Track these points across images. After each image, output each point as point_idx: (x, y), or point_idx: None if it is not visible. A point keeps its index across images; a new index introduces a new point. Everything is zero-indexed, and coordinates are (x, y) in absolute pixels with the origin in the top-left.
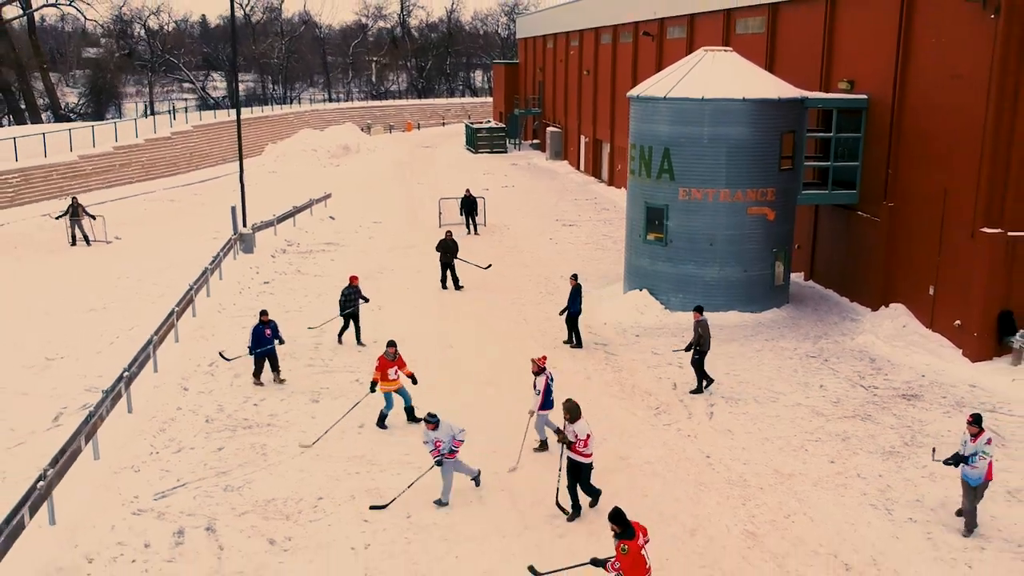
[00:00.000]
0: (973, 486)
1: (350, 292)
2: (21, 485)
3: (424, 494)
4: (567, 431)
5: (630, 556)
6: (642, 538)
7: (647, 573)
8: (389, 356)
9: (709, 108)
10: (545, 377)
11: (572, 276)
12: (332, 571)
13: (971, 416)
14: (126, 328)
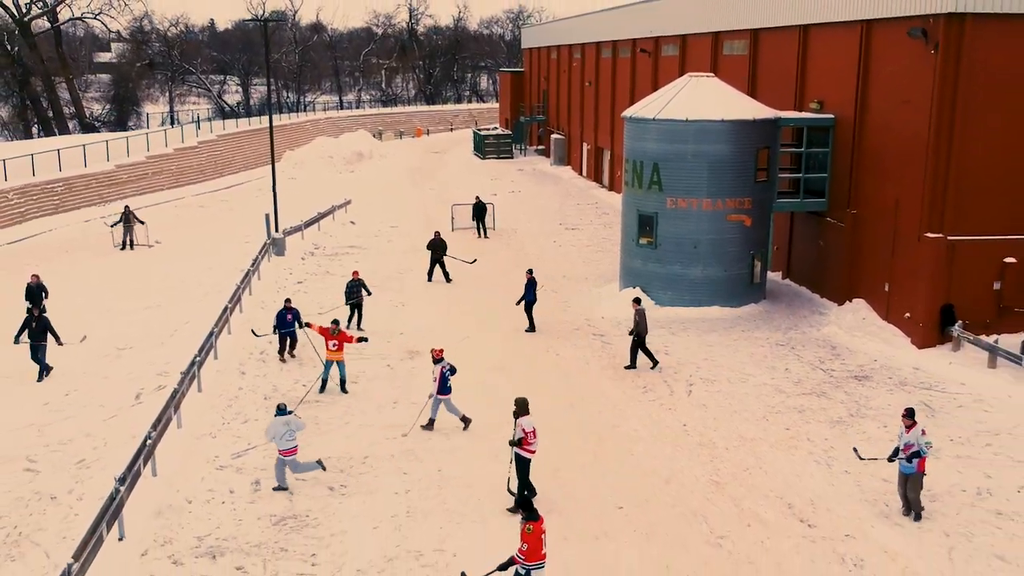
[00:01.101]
0: (907, 475)
1: (353, 285)
2: (124, 447)
3: (454, 455)
4: (517, 426)
5: (534, 535)
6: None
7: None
8: (332, 331)
9: (693, 128)
10: (441, 367)
11: (528, 271)
12: (380, 509)
13: (905, 410)
14: (182, 323)
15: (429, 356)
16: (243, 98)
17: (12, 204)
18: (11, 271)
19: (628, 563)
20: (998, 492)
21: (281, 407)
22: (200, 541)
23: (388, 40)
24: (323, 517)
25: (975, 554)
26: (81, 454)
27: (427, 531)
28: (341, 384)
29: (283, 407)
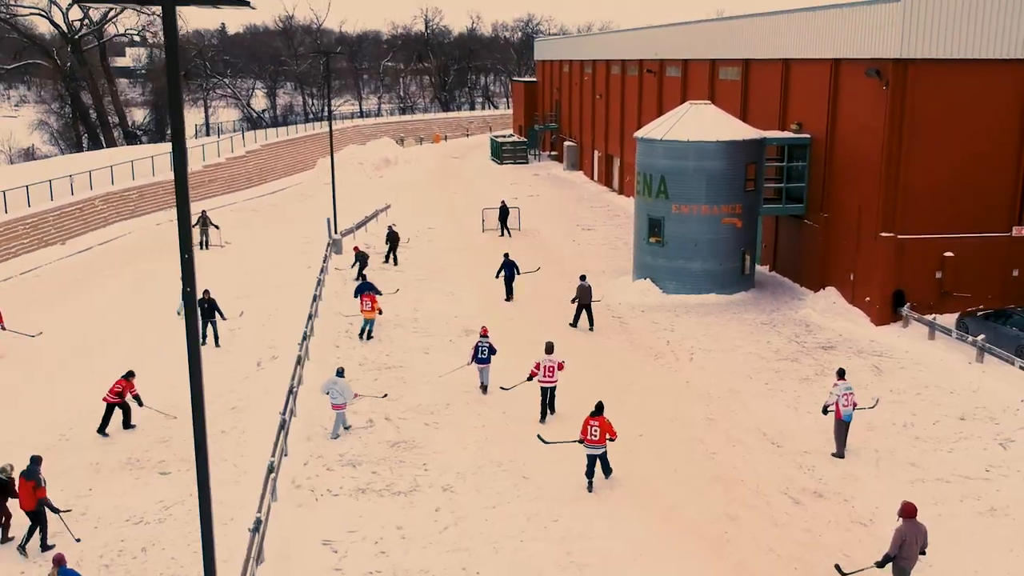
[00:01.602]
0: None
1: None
2: (262, 398)
3: (512, 405)
4: (544, 361)
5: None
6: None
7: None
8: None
9: (693, 147)
10: (477, 342)
11: (504, 254)
12: (464, 437)
13: (838, 371)
14: (272, 310)
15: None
16: (270, 105)
17: (98, 210)
18: (111, 267)
19: (647, 468)
20: (918, 424)
21: (339, 370)
22: (341, 456)
23: (406, 49)
24: (424, 442)
25: (895, 462)
26: (232, 403)
27: (501, 450)
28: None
29: (340, 370)
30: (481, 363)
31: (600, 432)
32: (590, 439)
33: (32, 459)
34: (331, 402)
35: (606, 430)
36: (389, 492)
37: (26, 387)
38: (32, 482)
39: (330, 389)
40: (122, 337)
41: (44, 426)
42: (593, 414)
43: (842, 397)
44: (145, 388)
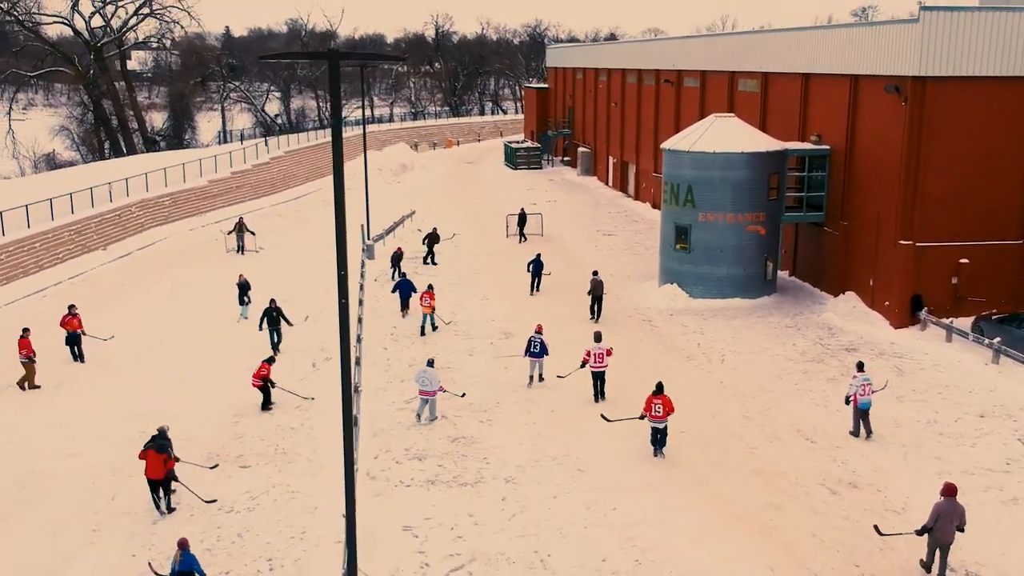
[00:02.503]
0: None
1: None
2: (322, 396)
3: (559, 402)
4: (593, 349)
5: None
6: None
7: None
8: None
9: (719, 159)
10: (530, 337)
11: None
12: (519, 433)
13: (857, 363)
14: (317, 312)
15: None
16: (284, 110)
17: (135, 216)
18: (154, 271)
19: (692, 462)
20: (941, 421)
21: (430, 361)
22: (407, 451)
23: (417, 53)
24: (481, 438)
25: (921, 456)
26: (295, 402)
27: (554, 445)
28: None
29: (431, 361)
30: (534, 357)
31: (663, 408)
32: (654, 415)
33: (160, 432)
34: (420, 389)
35: (667, 406)
36: (456, 483)
37: (105, 386)
38: (164, 455)
39: (421, 378)
40: (182, 339)
41: (126, 423)
42: (655, 393)
43: (860, 388)
44: (216, 388)
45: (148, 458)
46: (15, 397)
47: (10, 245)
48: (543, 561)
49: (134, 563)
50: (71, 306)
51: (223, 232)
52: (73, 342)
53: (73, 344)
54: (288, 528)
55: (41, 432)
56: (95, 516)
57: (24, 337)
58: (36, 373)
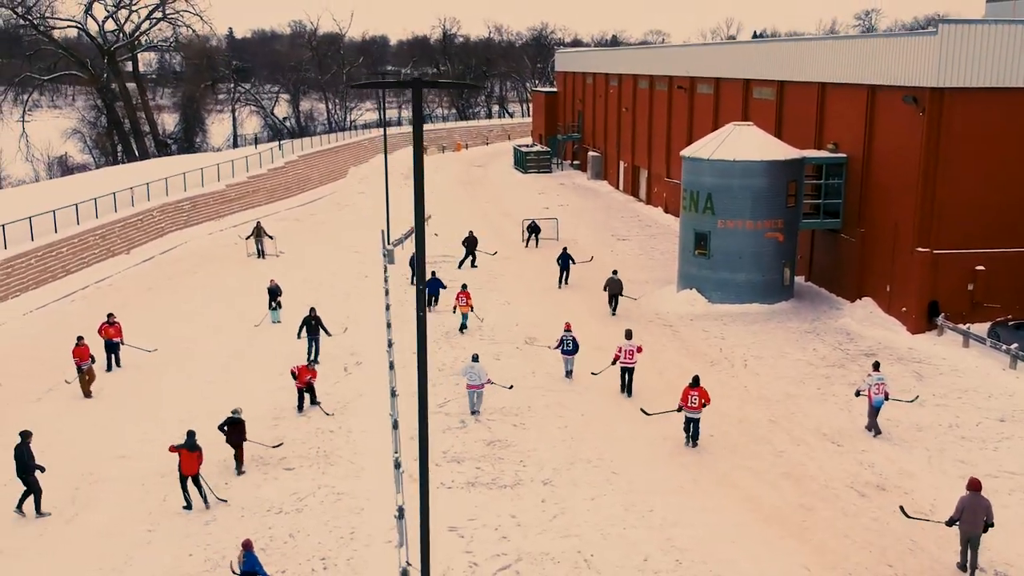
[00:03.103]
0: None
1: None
2: (358, 399)
3: (589, 407)
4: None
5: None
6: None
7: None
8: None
9: (739, 166)
10: (561, 335)
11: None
12: (551, 437)
13: (873, 363)
14: (344, 317)
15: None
16: (293, 113)
17: (155, 220)
18: (177, 276)
19: (723, 465)
20: (963, 425)
21: (475, 356)
22: (444, 454)
23: (424, 56)
24: (516, 441)
25: (945, 459)
26: (331, 406)
27: (587, 448)
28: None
29: (476, 356)
30: (566, 354)
31: (699, 400)
32: (690, 406)
33: (190, 433)
34: (467, 383)
35: (703, 397)
36: (496, 485)
37: (143, 391)
38: (197, 452)
39: (468, 372)
40: (213, 344)
41: (169, 426)
42: (691, 385)
43: (873, 386)
44: (251, 392)
45: (182, 455)
46: (57, 402)
47: (39, 250)
48: (587, 561)
49: (192, 563)
50: (110, 315)
51: (241, 237)
52: (111, 350)
53: (111, 352)
54: (337, 528)
55: (87, 435)
56: (149, 517)
57: (80, 346)
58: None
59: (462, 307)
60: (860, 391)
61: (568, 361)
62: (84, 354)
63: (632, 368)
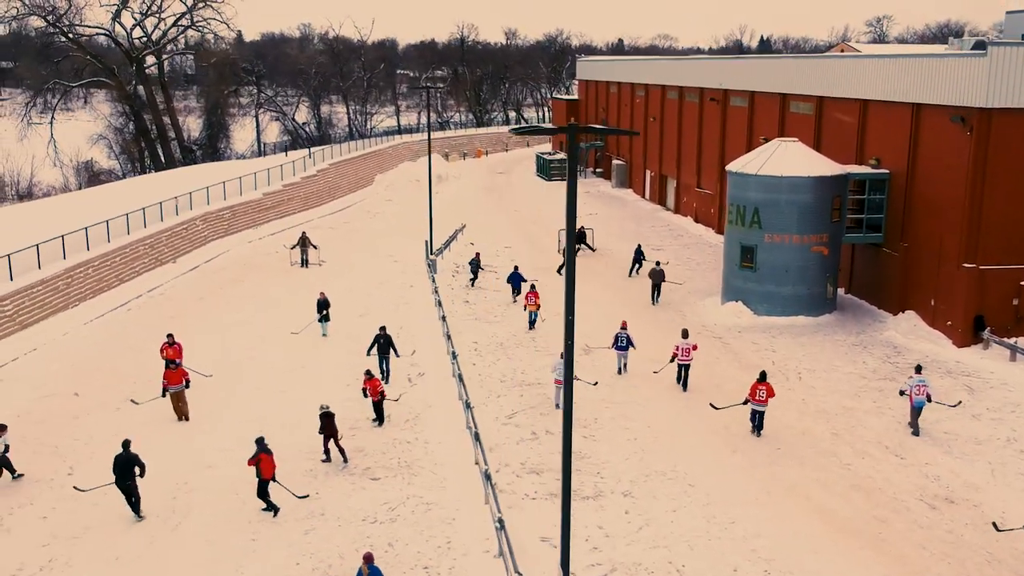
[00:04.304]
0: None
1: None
2: (427, 410)
3: (654, 418)
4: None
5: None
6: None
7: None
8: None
9: (786, 182)
10: (616, 333)
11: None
12: (623, 449)
13: (916, 366)
14: (397, 328)
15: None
16: (314, 119)
17: (198, 229)
18: (225, 284)
19: (792, 478)
20: (1021, 439)
21: (562, 354)
22: (522, 465)
23: (442, 62)
24: (589, 453)
25: (1007, 472)
26: (404, 416)
27: (660, 460)
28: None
29: (563, 354)
30: (620, 350)
31: (766, 394)
32: (757, 399)
33: (260, 439)
34: (555, 378)
35: (770, 392)
36: (578, 496)
37: (213, 400)
38: (272, 454)
39: (558, 367)
40: (271, 355)
41: (246, 435)
42: (759, 380)
43: (914, 388)
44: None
45: (263, 460)
46: (136, 412)
47: (95, 260)
48: (679, 571)
49: (300, 571)
50: (169, 335)
51: (285, 246)
52: None
53: None
54: (433, 538)
55: (170, 445)
56: (248, 525)
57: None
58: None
59: (530, 305)
60: (903, 391)
61: (621, 357)
62: (175, 378)
63: (688, 365)
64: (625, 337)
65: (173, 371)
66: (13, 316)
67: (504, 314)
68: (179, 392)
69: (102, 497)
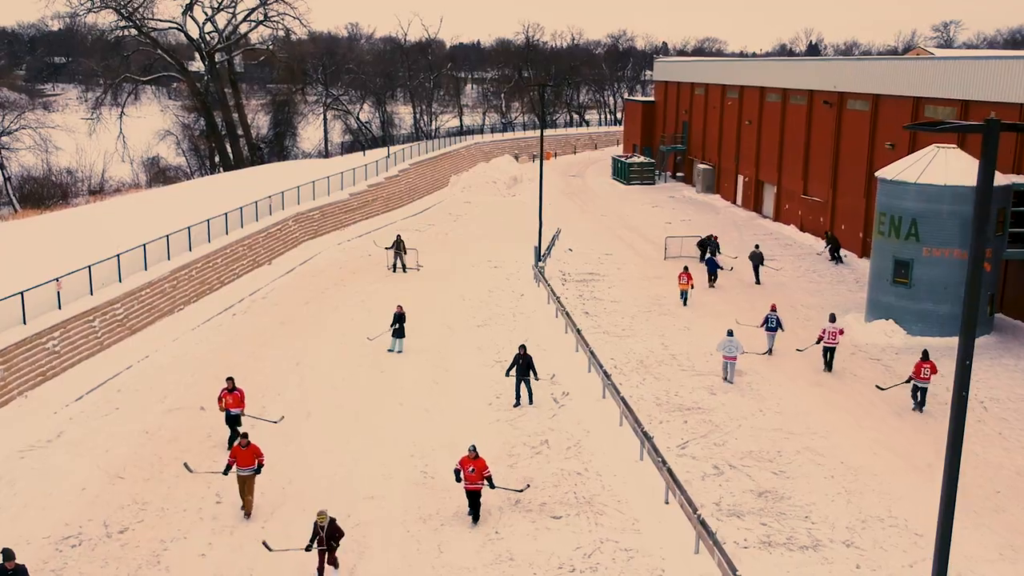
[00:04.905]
0: None
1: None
2: (589, 439)
3: (850, 455)
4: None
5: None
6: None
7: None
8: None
9: (948, 192)
10: (767, 315)
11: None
12: (821, 487)
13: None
14: (523, 340)
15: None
16: (379, 118)
17: (291, 230)
18: (327, 287)
19: None
20: None
21: (729, 331)
22: (717, 505)
23: (508, 63)
24: (787, 492)
25: None
26: (564, 443)
27: (871, 503)
28: None
29: (731, 331)
30: (770, 331)
31: (930, 371)
32: (922, 377)
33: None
34: (724, 355)
35: (933, 370)
36: (795, 546)
37: (365, 424)
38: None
39: (725, 345)
40: (405, 367)
41: (404, 460)
42: (923, 359)
43: None
44: (468, 427)
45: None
46: (264, 429)
47: (197, 261)
48: None
49: None
50: (230, 379)
51: (378, 245)
52: (234, 423)
53: (234, 426)
54: None
55: (320, 467)
56: (434, 571)
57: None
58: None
59: (683, 284)
60: None
61: (770, 338)
62: (246, 458)
63: (834, 348)
64: (775, 318)
65: (243, 449)
66: (124, 320)
67: (632, 327)
68: (249, 477)
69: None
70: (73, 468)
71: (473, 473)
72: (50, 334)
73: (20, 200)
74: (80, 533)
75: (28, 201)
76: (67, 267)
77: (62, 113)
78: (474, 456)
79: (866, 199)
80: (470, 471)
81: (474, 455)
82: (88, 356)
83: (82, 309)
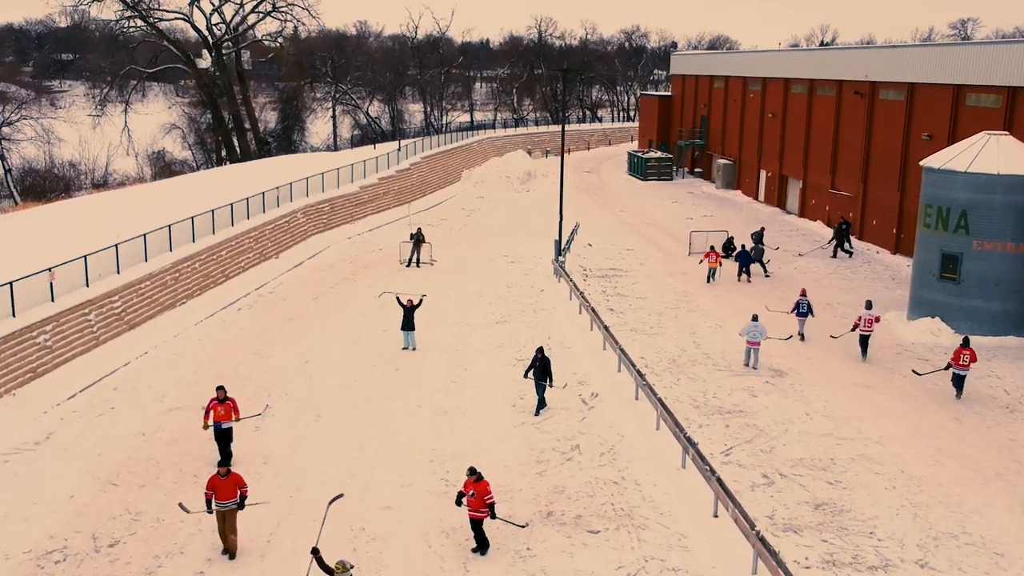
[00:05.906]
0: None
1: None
2: (623, 444)
3: (909, 464)
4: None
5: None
6: None
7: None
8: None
9: (1003, 181)
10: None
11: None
12: (881, 499)
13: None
14: (545, 337)
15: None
16: (390, 112)
17: (299, 223)
18: (337, 283)
19: None
20: None
21: (754, 316)
22: (771, 519)
23: (520, 58)
24: (847, 506)
25: None
26: (597, 449)
27: (940, 518)
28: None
29: (755, 316)
30: (801, 316)
31: (969, 359)
32: (960, 364)
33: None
34: (747, 340)
35: (973, 358)
36: (862, 566)
37: (378, 427)
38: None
39: (750, 331)
40: (423, 366)
41: (423, 468)
42: (963, 345)
43: None
44: (491, 432)
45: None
46: (275, 423)
47: (201, 253)
48: None
49: None
50: (220, 388)
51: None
52: (224, 439)
53: (224, 441)
54: None
55: (330, 473)
56: None
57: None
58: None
59: (711, 263)
60: None
61: (801, 323)
62: (226, 489)
63: (869, 336)
64: (806, 303)
65: (223, 479)
66: (121, 314)
67: (660, 324)
68: (230, 512)
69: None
70: (61, 473)
71: (474, 498)
72: (41, 328)
73: (21, 193)
74: (65, 547)
75: (30, 194)
76: (63, 258)
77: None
78: (476, 479)
79: (900, 193)
80: (471, 495)
81: (476, 477)
82: (82, 352)
83: (76, 302)
